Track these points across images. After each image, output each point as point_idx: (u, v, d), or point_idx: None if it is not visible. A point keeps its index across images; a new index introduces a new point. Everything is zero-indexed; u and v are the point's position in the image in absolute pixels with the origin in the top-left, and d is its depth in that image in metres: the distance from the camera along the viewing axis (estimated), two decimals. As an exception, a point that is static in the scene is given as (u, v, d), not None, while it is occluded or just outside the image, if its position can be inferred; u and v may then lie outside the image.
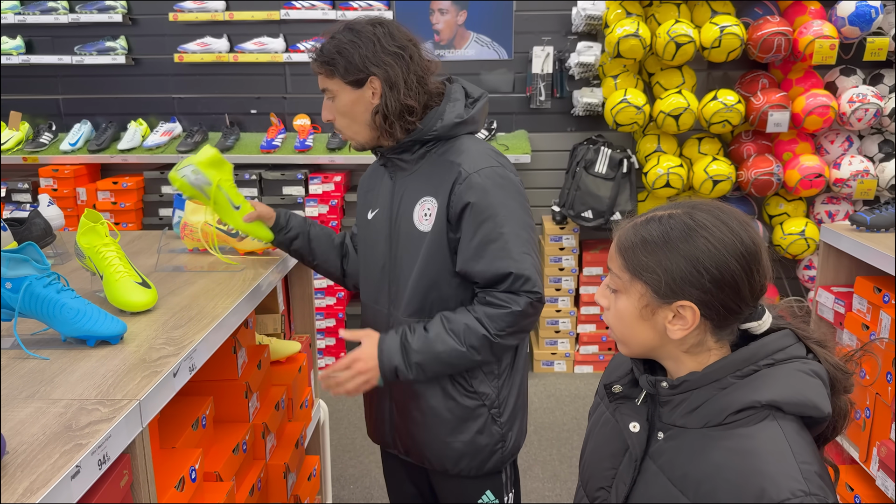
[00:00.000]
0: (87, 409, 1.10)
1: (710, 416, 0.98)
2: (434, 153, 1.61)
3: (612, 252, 1.05)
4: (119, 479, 1.09)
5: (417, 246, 1.60)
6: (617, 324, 1.05)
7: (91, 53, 4.07)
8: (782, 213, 3.81)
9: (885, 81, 3.69)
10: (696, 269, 0.96)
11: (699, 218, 0.98)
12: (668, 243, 0.98)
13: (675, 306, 0.98)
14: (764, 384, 0.96)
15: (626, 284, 1.02)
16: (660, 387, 1.03)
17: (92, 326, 1.33)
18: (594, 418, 1.20)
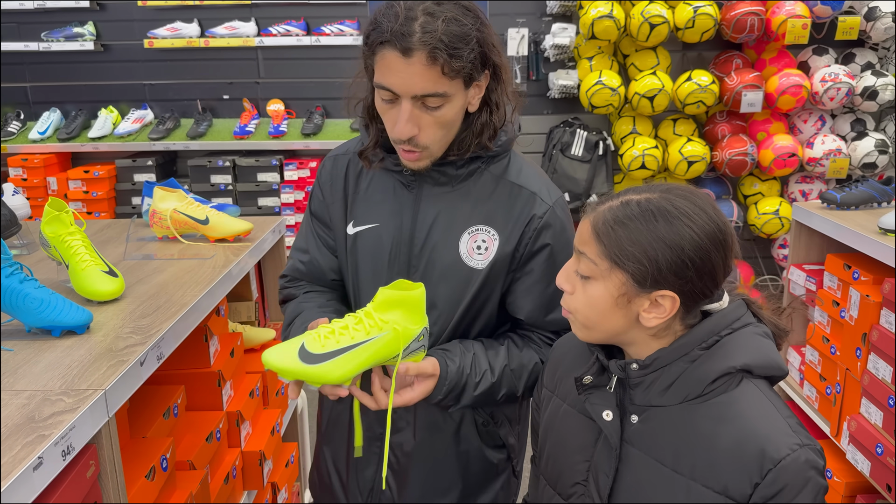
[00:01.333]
0: (51, 400, 1.08)
1: (688, 390, 0.98)
2: (487, 170, 1.29)
3: (584, 236, 1.00)
4: (85, 469, 1.07)
5: (461, 285, 1.27)
6: (585, 310, 1.01)
7: (58, 40, 3.99)
8: (757, 193, 3.83)
9: (856, 60, 3.71)
10: (681, 259, 0.94)
11: (679, 204, 0.96)
12: (653, 232, 0.95)
13: (655, 295, 0.96)
14: (732, 350, 0.98)
15: (604, 272, 0.97)
16: (630, 369, 1.01)
17: (57, 316, 1.31)
18: (548, 414, 1.16)
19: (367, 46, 1.16)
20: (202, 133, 3.97)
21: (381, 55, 1.14)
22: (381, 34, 1.12)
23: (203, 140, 3.94)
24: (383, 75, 1.14)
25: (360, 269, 1.34)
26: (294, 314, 1.36)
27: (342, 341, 1.10)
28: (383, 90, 1.16)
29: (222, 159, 3.91)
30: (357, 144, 1.36)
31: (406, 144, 1.19)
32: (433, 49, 1.10)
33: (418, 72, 1.11)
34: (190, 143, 3.92)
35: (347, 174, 1.37)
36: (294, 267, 1.44)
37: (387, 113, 1.19)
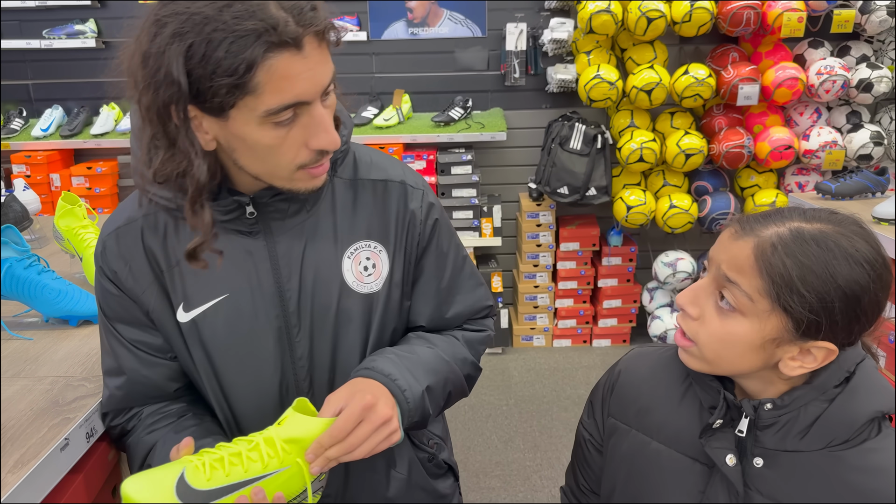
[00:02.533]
0: (73, 385, 1.12)
1: (833, 435, 0.86)
2: (336, 177, 1.07)
3: (741, 262, 0.85)
4: (107, 452, 1.12)
5: (363, 318, 1.07)
6: (716, 345, 0.88)
7: (60, 37, 4.01)
8: (753, 185, 3.87)
9: (851, 53, 3.75)
10: (856, 313, 0.82)
11: (858, 245, 0.83)
12: (833, 278, 0.81)
13: (810, 345, 0.84)
14: (870, 389, 0.88)
15: (760, 311, 0.84)
16: (762, 409, 0.89)
17: (74, 307, 1.35)
18: (625, 448, 1.02)
19: (226, 76, 0.82)
20: (204, 129, 3.99)
21: (267, 70, 0.83)
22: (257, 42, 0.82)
23: (205, 136, 3.97)
24: (283, 90, 0.85)
25: (215, 361, 1.04)
26: (143, 450, 1.04)
27: (233, 474, 0.85)
28: (284, 111, 0.87)
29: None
30: (137, 207, 1.03)
31: (325, 156, 0.95)
32: (317, 25, 0.86)
33: (317, 60, 0.87)
34: (192, 139, 3.95)
35: (147, 247, 1.02)
36: (112, 398, 1.07)
37: (287, 140, 0.90)
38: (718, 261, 0.87)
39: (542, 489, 2.84)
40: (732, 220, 0.91)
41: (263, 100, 0.84)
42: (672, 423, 0.97)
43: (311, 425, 0.87)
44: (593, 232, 3.99)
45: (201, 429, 1.04)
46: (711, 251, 0.90)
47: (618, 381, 1.07)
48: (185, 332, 1.03)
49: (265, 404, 1.05)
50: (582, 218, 4.11)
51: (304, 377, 1.05)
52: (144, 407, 1.08)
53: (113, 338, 1.06)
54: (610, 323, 4.07)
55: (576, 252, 4.01)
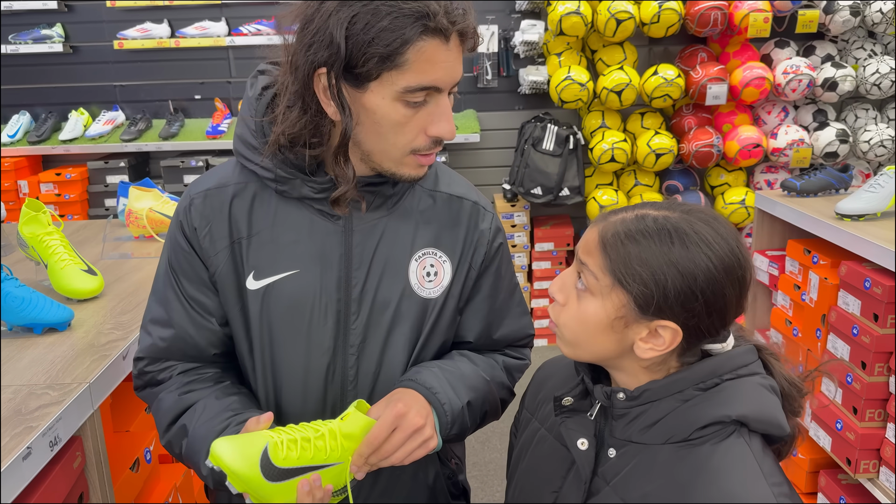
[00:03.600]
0: (37, 394, 1.11)
1: (673, 431, 0.88)
2: (419, 185, 1.12)
3: (590, 245, 0.89)
4: (72, 460, 1.10)
5: (417, 320, 1.09)
6: (574, 325, 0.90)
7: (26, 42, 3.96)
8: (723, 184, 3.92)
9: (817, 53, 3.81)
10: (692, 290, 0.84)
11: (699, 228, 0.86)
12: (666, 254, 0.85)
13: (655, 325, 0.86)
14: (730, 398, 0.88)
15: (604, 288, 0.87)
16: (615, 398, 0.91)
17: (38, 314, 1.33)
18: (524, 436, 1.07)
19: (380, 46, 0.90)
20: (174, 133, 3.96)
21: (416, 50, 0.91)
22: (415, 24, 0.90)
23: (176, 140, 3.94)
24: (424, 72, 0.92)
25: (273, 333, 1.06)
26: (179, 409, 1.06)
27: (304, 457, 0.91)
28: (418, 92, 0.94)
29: (195, 159, 3.91)
30: (232, 174, 1.08)
31: (435, 146, 1.00)
32: (464, 27, 0.94)
33: (457, 56, 0.95)
34: (162, 144, 3.92)
35: (232, 213, 1.06)
36: (153, 346, 1.09)
37: (409, 122, 0.96)
38: (579, 250, 0.92)
39: (518, 489, 2.84)
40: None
41: (406, 77, 0.92)
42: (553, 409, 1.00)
43: (367, 425, 0.93)
44: (567, 232, 4.02)
45: (241, 400, 1.07)
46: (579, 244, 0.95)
47: (535, 375, 1.12)
48: (251, 300, 1.06)
49: (310, 383, 1.08)
50: (556, 218, 4.14)
51: (353, 365, 1.07)
52: (179, 363, 1.10)
53: (171, 290, 1.08)
54: (585, 322, 4.09)
55: (551, 252, 4.03)
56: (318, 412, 1.08)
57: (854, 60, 3.80)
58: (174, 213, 1.10)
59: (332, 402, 1.08)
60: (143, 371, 1.10)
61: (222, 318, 1.08)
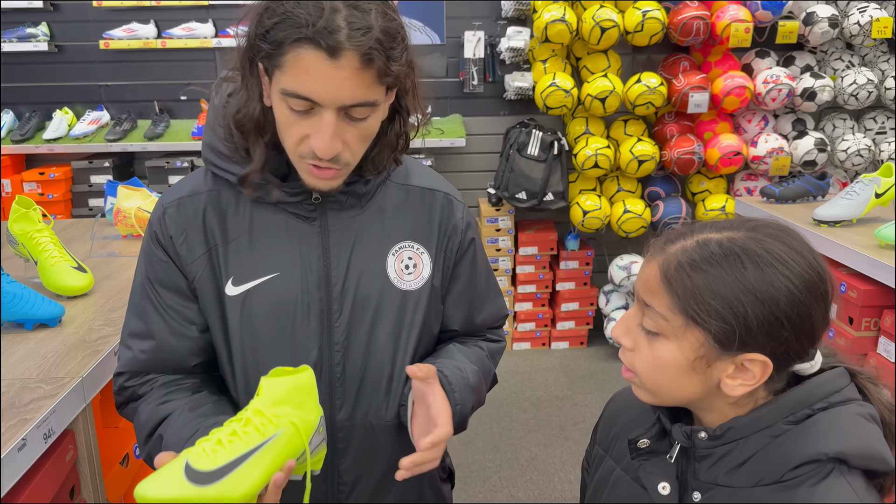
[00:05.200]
0: (30, 388, 1.12)
1: (763, 473, 0.80)
2: (389, 179, 1.15)
3: (652, 283, 0.82)
4: (64, 453, 1.12)
5: (398, 314, 1.11)
6: (651, 371, 0.84)
7: (11, 40, 3.94)
8: (704, 191, 3.98)
9: (796, 63, 3.89)
10: (776, 317, 0.77)
11: (770, 247, 0.79)
12: (740, 281, 0.77)
13: (741, 359, 0.79)
14: (825, 432, 0.79)
15: (677, 329, 0.80)
16: (696, 438, 0.84)
17: (29, 310, 1.34)
18: (599, 475, 1.00)
19: (269, 43, 0.92)
20: (160, 134, 3.96)
21: (295, 55, 0.91)
22: (297, 29, 0.89)
23: (161, 141, 3.93)
24: (299, 81, 0.92)
25: (257, 336, 1.07)
26: (156, 420, 1.06)
27: (235, 450, 0.87)
28: (296, 99, 0.93)
29: (181, 160, 3.91)
30: (203, 182, 1.10)
31: (323, 162, 0.98)
32: (369, 50, 0.90)
33: (348, 77, 0.91)
34: (147, 144, 3.91)
35: (206, 220, 1.07)
36: (134, 360, 1.09)
37: (294, 125, 0.96)
38: (638, 287, 0.85)
39: (501, 489, 2.87)
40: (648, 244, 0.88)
41: (284, 79, 0.93)
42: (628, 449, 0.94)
43: (287, 383, 0.91)
44: (551, 236, 4.06)
45: (216, 406, 1.07)
46: (636, 280, 0.87)
47: (605, 409, 1.06)
48: (230, 306, 1.06)
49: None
50: (540, 223, 4.18)
51: (339, 362, 1.09)
52: (160, 376, 1.09)
53: (149, 301, 1.08)
54: (568, 326, 4.13)
55: (534, 256, 4.07)
56: None
57: (832, 71, 3.88)
58: (147, 225, 1.11)
59: (322, 401, 1.06)
60: (123, 387, 1.09)
61: (202, 326, 1.09)
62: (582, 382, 3.72)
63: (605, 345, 4.09)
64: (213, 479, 0.84)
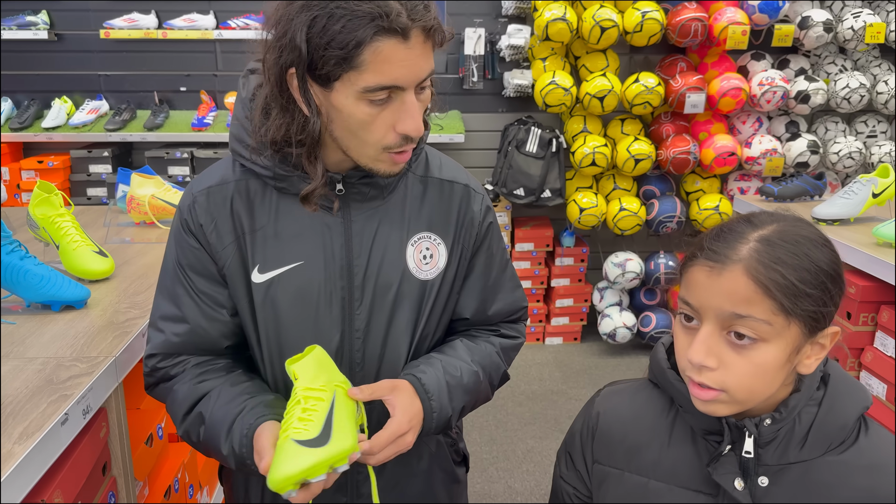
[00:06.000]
0: (65, 366, 1.15)
1: (829, 439, 0.88)
2: (410, 171, 1.17)
3: (741, 294, 0.82)
4: (99, 430, 1.14)
5: (417, 302, 1.15)
6: (748, 381, 0.84)
7: (10, 28, 3.92)
8: (698, 190, 4.05)
9: (791, 66, 3.96)
10: (841, 287, 0.85)
11: (811, 230, 0.87)
12: (816, 265, 0.83)
13: (819, 337, 0.85)
14: (846, 390, 0.89)
15: (780, 329, 0.82)
16: (762, 426, 0.88)
17: (57, 292, 1.37)
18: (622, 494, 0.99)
19: (341, 48, 0.93)
20: (159, 125, 3.97)
21: (373, 50, 0.93)
22: (371, 24, 0.92)
23: (160, 132, 3.94)
24: (383, 72, 0.94)
25: (281, 322, 1.10)
26: (194, 398, 1.09)
27: (319, 418, 0.95)
28: (379, 91, 0.96)
29: (180, 151, 3.92)
30: (231, 171, 1.12)
31: (409, 143, 1.02)
32: (427, 22, 0.95)
33: (420, 53, 0.96)
34: (147, 135, 3.92)
35: (234, 209, 1.10)
36: (167, 342, 1.12)
37: (377, 119, 0.99)
38: (714, 304, 0.84)
39: (497, 480, 2.92)
40: (690, 262, 0.88)
41: (365, 77, 0.94)
42: (667, 458, 0.95)
43: (312, 361, 0.98)
44: (547, 233, 4.11)
45: (254, 385, 1.11)
46: (695, 299, 0.86)
47: (598, 424, 1.02)
48: (258, 292, 1.09)
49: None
50: (537, 219, 4.23)
51: (359, 348, 1.12)
52: (192, 357, 1.12)
53: (181, 286, 1.11)
54: (562, 321, 4.19)
55: (530, 252, 4.12)
56: None
57: (826, 75, 3.96)
58: (177, 212, 1.14)
59: (348, 371, 1.12)
60: (155, 367, 1.12)
61: (232, 310, 1.12)
62: (576, 377, 3.78)
63: (599, 340, 4.15)
64: (323, 441, 0.92)
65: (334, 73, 0.95)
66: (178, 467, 1.48)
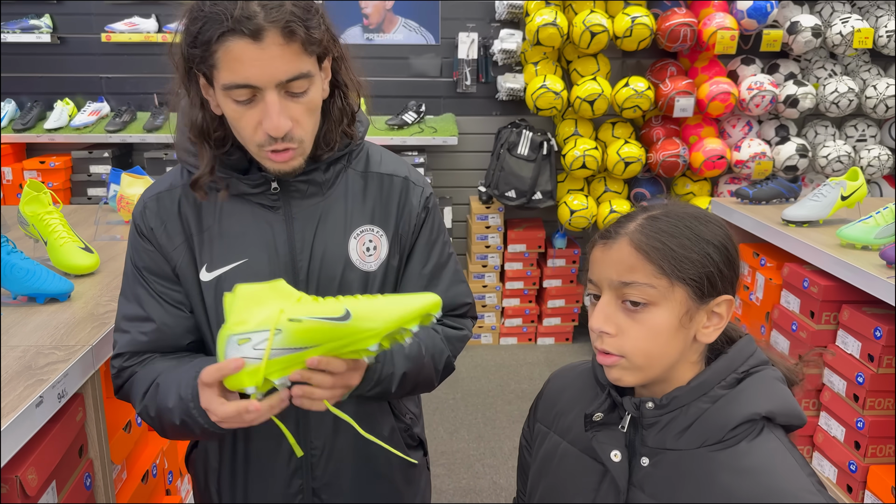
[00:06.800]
0: (44, 353, 1.22)
1: (707, 435, 0.90)
2: (350, 167, 1.22)
3: (628, 261, 0.90)
4: (75, 414, 1.21)
5: (358, 290, 1.18)
6: (645, 344, 0.90)
7: (14, 31, 4.02)
8: (689, 193, 4.10)
9: (780, 70, 4.01)
10: (728, 259, 0.91)
11: (698, 211, 0.94)
12: (700, 237, 0.90)
13: (712, 305, 0.91)
14: (755, 395, 0.91)
15: (665, 292, 0.89)
16: (645, 408, 0.93)
17: (41, 285, 1.44)
18: (543, 451, 1.07)
19: (199, 47, 0.98)
20: (158, 126, 4.05)
21: (224, 49, 0.98)
22: (219, 25, 0.96)
23: (160, 133, 4.02)
24: (235, 71, 0.99)
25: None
26: (153, 375, 1.12)
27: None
28: (237, 89, 1.00)
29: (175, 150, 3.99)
30: (179, 177, 1.18)
31: (279, 143, 1.05)
32: (287, 23, 0.98)
33: (276, 54, 0.98)
34: (147, 136, 4.00)
35: (182, 212, 1.16)
36: (134, 341, 1.15)
37: (244, 116, 1.03)
38: (606, 275, 0.92)
39: (483, 476, 2.98)
40: (591, 243, 0.97)
41: (222, 75, 1.00)
42: (578, 423, 1.01)
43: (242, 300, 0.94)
44: (539, 234, 4.17)
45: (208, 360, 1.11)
46: (593, 275, 0.95)
47: (546, 388, 1.13)
48: (207, 291, 1.15)
49: None
50: (529, 221, 4.29)
51: None
52: (157, 354, 1.17)
53: (142, 288, 1.17)
54: (554, 322, 4.24)
55: (522, 254, 4.18)
56: None
57: (815, 79, 4.00)
58: (132, 219, 1.20)
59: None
60: (122, 367, 1.15)
61: (190, 307, 1.17)
62: (566, 376, 3.83)
63: (590, 341, 4.19)
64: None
65: (200, 70, 1.01)
66: (156, 454, 1.55)
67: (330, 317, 0.91)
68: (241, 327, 0.91)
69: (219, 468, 1.23)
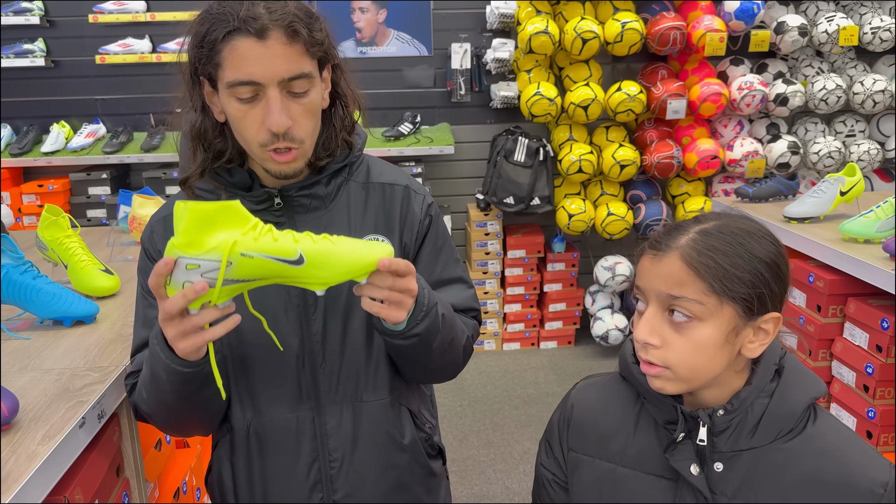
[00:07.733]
0: (80, 375, 1.24)
1: (779, 427, 0.94)
2: (352, 180, 1.24)
3: (677, 276, 0.91)
4: (112, 434, 1.23)
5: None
6: (690, 358, 0.92)
7: (8, 56, 4.03)
8: (683, 193, 4.15)
9: (769, 70, 4.07)
10: (780, 277, 0.92)
11: (752, 226, 0.94)
12: (752, 254, 0.90)
13: (759, 322, 0.92)
14: (801, 380, 0.96)
15: (713, 309, 0.90)
16: (716, 416, 0.95)
17: (68, 308, 1.46)
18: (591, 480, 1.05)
19: (204, 47, 1.03)
20: (156, 146, 4.06)
21: (229, 49, 1.02)
22: (225, 24, 1.01)
23: (157, 153, 4.04)
24: (239, 68, 1.02)
25: (241, 334, 1.14)
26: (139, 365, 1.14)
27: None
28: (241, 87, 1.03)
29: (177, 170, 4.01)
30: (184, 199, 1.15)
31: (280, 142, 1.07)
32: (290, 24, 1.03)
33: (280, 52, 1.03)
34: (144, 156, 4.01)
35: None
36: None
37: (247, 115, 1.06)
38: (654, 287, 0.93)
39: (496, 481, 3.00)
40: (641, 252, 0.98)
41: (227, 73, 1.03)
42: (633, 445, 1.01)
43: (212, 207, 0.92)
44: (538, 239, 4.20)
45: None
46: (641, 283, 0.95)
47: (572, 414, 1.09)
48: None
49: (283, 376, 1.17)
50: (527, 226, 4.33)
51: (318, 351, 1.18)
52: None
53: (153, 310, 1.17)
54: (556, 325, 4.28)
55: (522, 259, 4.22)
56: (295, 399, 1.17)
57: (803, 77, 4.07)
58: (140, 242, 1.21)
59: (306, 387, 1.18)
60: (134, 383, 1.15)
61: None
62: (570, 380, 3.86)
63: (592, 343, 4.24)
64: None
65: (205, 70, 1.05)
66: (185, 471, 1.57)
67: (283, 258, 0.92)
68: (191, 250, 0.90)
69: (234, 487, 1.22)
